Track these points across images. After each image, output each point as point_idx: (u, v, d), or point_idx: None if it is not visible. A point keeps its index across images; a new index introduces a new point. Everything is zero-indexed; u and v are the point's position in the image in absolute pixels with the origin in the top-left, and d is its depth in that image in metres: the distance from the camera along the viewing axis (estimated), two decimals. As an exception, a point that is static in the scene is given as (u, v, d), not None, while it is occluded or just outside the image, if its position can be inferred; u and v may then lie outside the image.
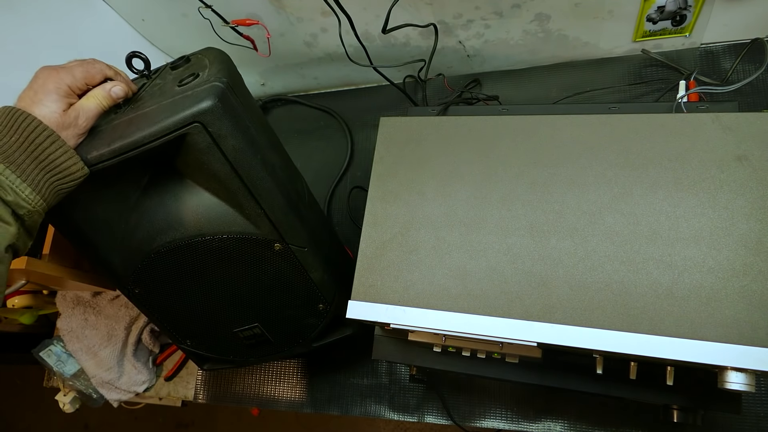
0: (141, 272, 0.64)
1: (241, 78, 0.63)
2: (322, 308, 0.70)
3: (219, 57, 0.61)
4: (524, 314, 0.54)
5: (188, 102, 0.53)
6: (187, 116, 0.52)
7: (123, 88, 0.57)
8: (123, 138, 0.53)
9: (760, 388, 0.71)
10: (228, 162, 0.56)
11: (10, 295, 0.99)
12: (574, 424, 0.76)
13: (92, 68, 0.55)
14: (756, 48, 0.79)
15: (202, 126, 0.53)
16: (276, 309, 0.69)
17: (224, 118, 0.53)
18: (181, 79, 0.58)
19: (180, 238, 0.61)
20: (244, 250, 0.63)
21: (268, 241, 0.62)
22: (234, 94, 0.56)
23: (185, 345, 0.75)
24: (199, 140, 0.54)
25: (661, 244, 0.52)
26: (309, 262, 0.66)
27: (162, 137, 0.53)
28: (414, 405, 0.85)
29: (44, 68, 0.53)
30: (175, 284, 0.66)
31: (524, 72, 0.95)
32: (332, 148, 1.05)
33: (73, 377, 1.00)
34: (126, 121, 0.55)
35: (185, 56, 0.64)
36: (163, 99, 0.56)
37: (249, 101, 0.62)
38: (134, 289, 0.66)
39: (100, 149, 0.53)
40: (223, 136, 0.54)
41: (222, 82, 0.55)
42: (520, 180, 0.59)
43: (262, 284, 0.66)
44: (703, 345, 0.48)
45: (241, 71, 0.63)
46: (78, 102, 0.53)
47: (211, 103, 0.52)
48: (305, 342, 0.74)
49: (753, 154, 0.52)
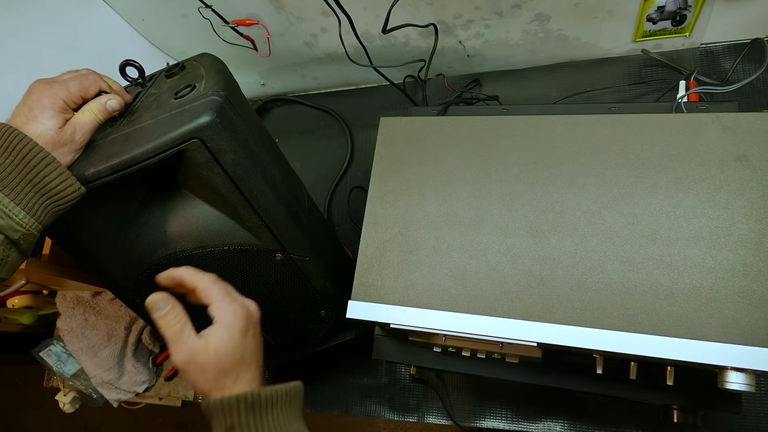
0: (142, 283, 0.63)
1: (238, 87, 0.62)
2: (324, 314, 0.70)
3: (215, 66, 0.60)
4: (524, 314, 0.54)
5: (186, 117, 0.52)
6: (185, 132, 0.51)
7: (118, 101, 0.56)
8: (121, 154, 0.52)
9: (760, 388, 0.71)
10: (228, 176, 0.55)
11: (10, 295, 0.99)
12: (574, 424, 0.76)
13: (86, 80, 0.54)
14: (756, 48, 0.79)
15: (201, 142, 0.52)
16: (278, 316, 0.69)
17: (223, 132, 0.52)
18: (177, 90, 0.57)
19: (181, 251, 0.60)
20: (245, 261, 0.62)
21: (270, 252, 0.62)
22: (232, 107, 0.55)
23: None
24: (197, 156, 0.52)
25: (661, 244, 0.52)
26: (310, 271, 0.66)
27: (160, 153, 0.51)
28: (414, 405, 0.85)
29: (38, 82, 0.52)
30: (177, 295, 0.65)
31: (524, 72, 0.95)
32: (332, 148, 1.05)
33: (73, 377, 1.00)
34: (123, 136, 0.54)
35: (179, 63, 0.63)
36: (159, 112, 0.54)
37: (247, 111, 0.61)
38: (135, 299, 0.65)
39: (97, 166, 0.52)
40: (222, 151, 0.53)
41: (219, 95, 0.54)
42: (520, 180, 0.59)
43: (264, 292, 0.66)
44: (703, 345, 0.48)
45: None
46: (74, 117, 0.52)
47: (209, 118, 0.51)
48: (308, 346, 0.74)
49: (753, 154, 0.52)
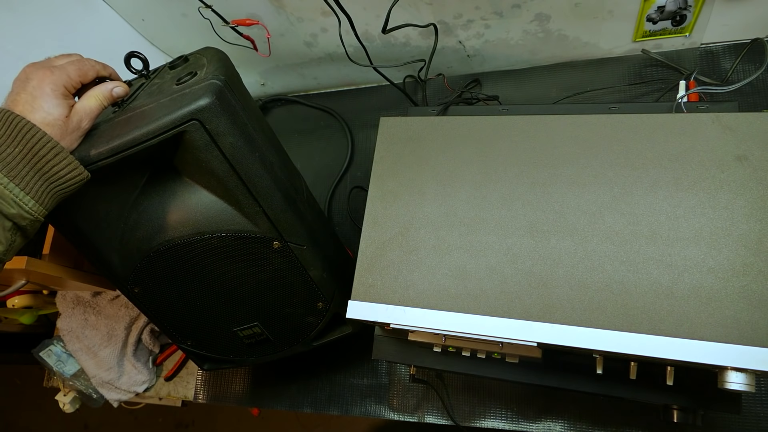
0: (140, 271, 0.64)
1: (239, 76, 0.63)
2: (322, 306, 0.70)
3: (217, 56, 0.61)
4: (524, 314, 0.54)
5: (186, 100, 0.53)
6: (185, 114, 0.52)
7: (123, 87, 0.57)
8: (122, 136, 0.53)
9: (760, 388, 0.71)
10: (226, 159, 0.56)
11: (10, 295, 0.99)
12: (574, 424, 0.76)
13: (84, 65, 0.54)
14: (756, 48, 0.79)
15: (200, 123, 0.53)
16: (275, 307, 0.70)
17: (222, 115, 0.54)
18: (179, 78, 0.58)
19: (178, 237, 0.61)
20: (242, 248, 0.63)
21: (267, 239, 0.62)
22: (231, 92, 0.56)
23: (186, 345, 0.75)
24: (196, 138, 0.54)
25: (661, 244, 0.52)
26: (308, 260, 0.66)
27: (160, 135, 0.53)
28: (414, 405, 0.85)
29: (33, 66, 0.52)
30: (174, 283, 0.66)
31: (524, 72, 0.95)
32: (332, 148, 1.05)
33: (73, 377, 1.00)
34: (124, 120, 0.55)
35: (184, 56, 0.64)
36: (161, 97, 0.56)
37: (247, 99, 0.62)
38: (134, 289, 0.66)
39: (99, 148, 0.53)
40: (221, 134, 0.54)
41: (219, 79, 0.55)
42: (520, 180, 0.59)
43: (261, 282, 0.67)
44: (703, 345, 0.48)
45: (241, 71, 0.63)
46: (79, 104, 0.53)
47: (208, 100, 0.52)
48: (305, 341, 0.74)
49: (753, 154, 0.52)
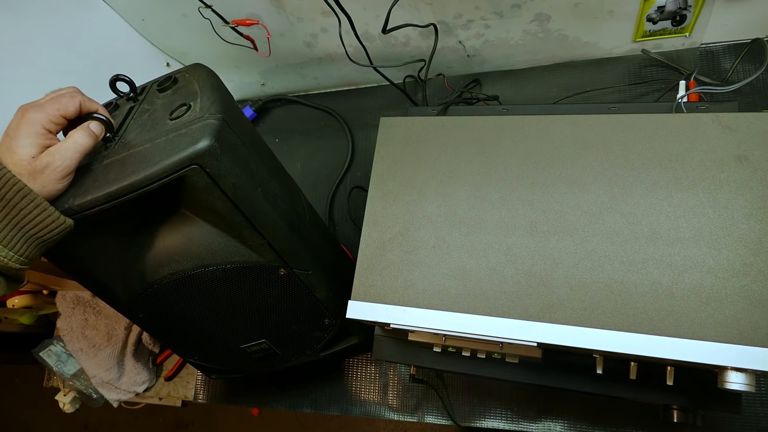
0: (144, 301, 0.62)
1: (234, 103, 0.60)
2: (328, 322, 0.71)
3: (209, 81, 0.59)
4: (524, 314, 0.54)
5: (184, 142, 0.51)
6: (184, 159, 0.50)
7: (98, 125, 0.54)
8: (118, 181, 0.50)
9: (760, 388, 0.71)
10: (228, 199, 0.54)
11: (10, 295, 0.99)
12: (574, 424, 0.76)
13: (62, 99, 0.51)
14: (756, 48, 0.79)
15: (200, 167, 0.51)
16: (282, 326, 0.69)
17: (222, 157, 0.51)
18: (171, 109, 0.56)
19: (182, 270, 0.59)
20: (248, 278, 0.62)
21: (273, 268, 0.62)
22: (229, 129, 0.54)
23: (193, 359, 0.75)
24: (197, 181, 0.52)
25: (661, 244, 0.52)
26: (313, 283, 0.66)
27: (159, 180, 0.50)
28: (414, 405, 0.85)
29: (20, 108, 0.50)
30: (179, 310, 0.65)
31: (524, 72, 0.95)
32: (332, 148, 1.05)
33: (73, 377, 1.00)
34: (119, 161, 0.53)
35: (171, 76, 0.62)
36: (155, 135, 0.53)
37: (244, 129, 0.60)
38: (138, 314, 0.65)
39: (94, 193, 0.50)
40: (222, 175, 0.52)
41: (216, 118, 0.52)
42: (520, 180, 0.59)
43: (268, 305, 0.66)
44: (703, 345, 0.48)
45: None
46: (55, 145, 0.50)
47: (207, 143, 0.50)
48: (312, 353, 0.75)
49: (753, 154, 0.52)
